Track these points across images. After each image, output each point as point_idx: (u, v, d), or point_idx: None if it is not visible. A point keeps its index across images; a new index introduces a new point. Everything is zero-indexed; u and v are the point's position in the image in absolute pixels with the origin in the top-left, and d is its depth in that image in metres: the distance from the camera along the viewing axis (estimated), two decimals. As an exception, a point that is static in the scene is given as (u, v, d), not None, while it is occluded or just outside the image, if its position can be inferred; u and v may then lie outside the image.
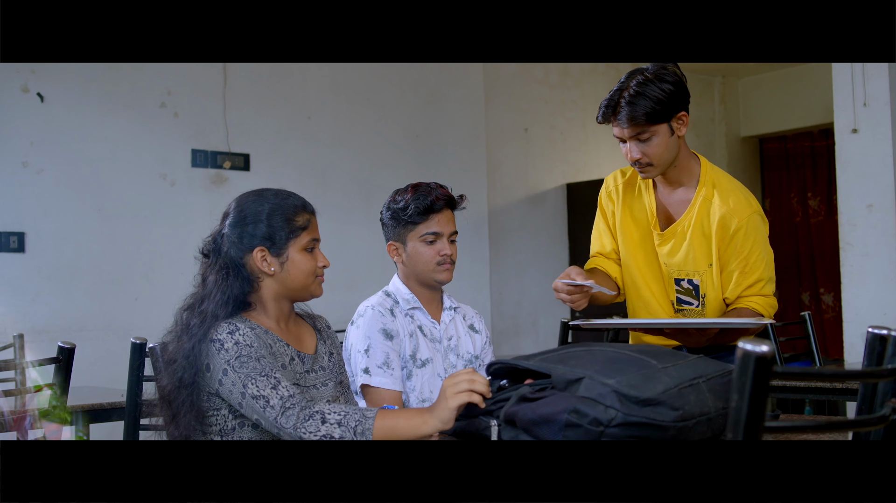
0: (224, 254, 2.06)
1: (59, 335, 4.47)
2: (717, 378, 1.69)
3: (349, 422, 1.87)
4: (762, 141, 8.52)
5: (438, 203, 2.56)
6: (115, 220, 4.87)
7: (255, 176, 5.33)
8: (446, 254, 2.57)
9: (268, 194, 2.11)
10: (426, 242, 2.56)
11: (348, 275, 5.70)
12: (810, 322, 4.13)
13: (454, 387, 1.83)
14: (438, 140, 6.25)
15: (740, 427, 1.15)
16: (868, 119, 4.80)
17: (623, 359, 1.73)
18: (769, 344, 1.15)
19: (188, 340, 1.98)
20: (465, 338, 2.69)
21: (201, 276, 2.08)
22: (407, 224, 2.57)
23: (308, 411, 1.87)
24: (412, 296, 2.63)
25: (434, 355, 2.59)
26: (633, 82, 2.37)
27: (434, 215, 2.56)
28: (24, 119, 4.62)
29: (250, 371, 1.91)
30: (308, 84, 5.65)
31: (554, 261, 6.92)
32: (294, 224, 2.07)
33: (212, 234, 2.12)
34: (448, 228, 2.59)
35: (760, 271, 2.48)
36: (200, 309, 2.02)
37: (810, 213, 8.10)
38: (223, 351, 1.94)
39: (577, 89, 7.28)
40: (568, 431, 1.58)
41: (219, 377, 1.93)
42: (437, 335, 2.64)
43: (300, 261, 2.07)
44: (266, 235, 2.05)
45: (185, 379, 1.95)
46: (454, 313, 2.71)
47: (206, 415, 2.00)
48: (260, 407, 1.88)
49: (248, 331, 1.97)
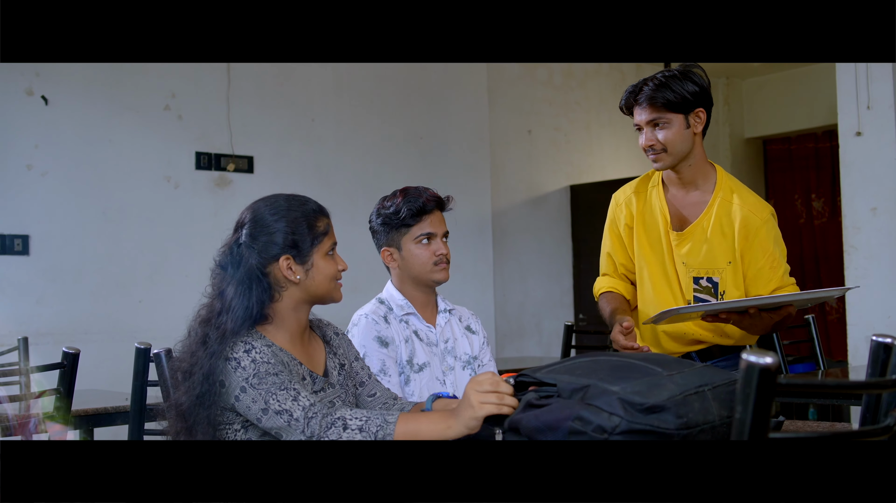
0: (244, 264, 2.00)
1: (64, 338, 4.48)
2: (723, 387, 1.68)
3: (370, 427, 1.83)
4: (766, 142, 8.52)
5: (430, 204, 2.61)
6: (120, 222, 4.87)
7: (259, 178, 5.33)
8: (442, 254, 2.61)
9: (282, 201, 2.05)
10: (421, 244, 2.60)
11: (352, 278, 5.67)
12: (814, 325, 4.13)
13: (482, 397, 1.78)
14: (442, 142, 6.25)
15: (744, 438, 1.16)
16: (872, 122, 4.79)
17: (628, 366, 1.73)
18: (773, 355, 1.16)
19: (205, 356, 1.93)
20: (462, 339, 2.71)
21: (216, 289, 2.02)
22: (400, 227, 2.60)
23: (330, 418, 1.84)
24: (406, 302, 2.65)
25: (431, 359, 2.61)
26: (660, 74, 2.52)
27: (426, 216, 2.60)
28: (28, 122, 4.63)
29: (270, 387, 1.88)
30: (311, 86, 5.65)
31: (557, 262, 6.92)
32: (317, 230, 2.03)
33: (226, 244, 2.05)
34: (441, 228, 2.63)
35: (784, 263, 2.62)
36: (218, 322, 1.96)
37: (814, 215, 8.09)
38: (240, 369, 1.90)
39: (581, 91, 7.27)
40: (572, 438, 1.58)
41: (235, 394, 1.90)
42: (434, 338, 2.65)
43: (324, 267, 2.04)
44: (291, 243, 2.00)
45: (203, 396, 1.90)
46: (449, 315, 2.73)
47: (219, 428, 1.98)
48: (284, 421, 1.85)
49: (264, 348, 1.94)
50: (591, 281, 7.62)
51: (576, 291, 6.99)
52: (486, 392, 1.79)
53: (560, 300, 6.91)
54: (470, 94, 6.44)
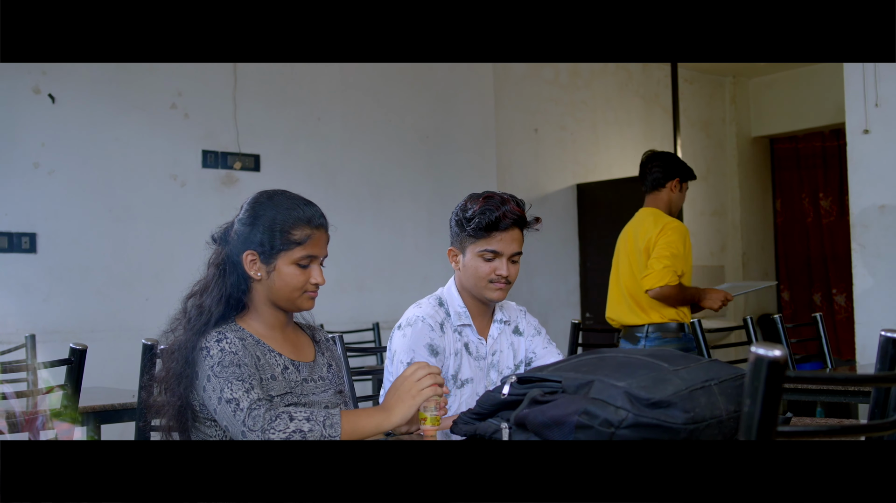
0: (227, 244, 2.08)
1: (70, 336, 4.48)
2: (729, 381, 1.68)
3: (317, 417, 1.87)
4: (773, 141, 8.49)
5: (505, 221, 2.43)
6: (126, 220, 4.88)
7: (266, 176, 5.33)
8: (501, 275, 2.45)
9: (279, 199, 2.08)
10: (484, 259, 2.45)
11: (358, 277, 5.70)
12: (822, 323, 4.11)
13: (418, 384, 1.93)
14: (448, 141, 6.25)
15: (753, 431, 1.15)
16: (880, 120, 4.77)
17: (633, 362, 1.73)
18: (782, 348, 1.15)
19: (186, 333, 2.00)
20: (508, 351, 2.59)
21: (209, 263, 2.10)
22: (469, 235, 2.47)
23: (274, 412, 1.87)
24: (464, 310, 2.53)
25: (475, 374, 2.51)
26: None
27: (497, 233, 2.44)
28: (35, 120, 4.63)
29: (229, 376, 1.91)
30: (318, 85, 5.65)
31: (564, 261, 6.91)
32: (289, 237, 2.03)
33: (228, 222, 2.13)
34: (510, 248, 2.46)
35: None
36: (200, 301, 2.04)
37: (822, 214, 8.06)
38: (209, 357, 1.94)
39: (588, 90, 7.26)
40: (579, 433, 1.57)
41: (203, 384, 1.94)
42: (483, 352, 2.54)
43: (287, 275, 2.04)
44: (260, 241, 2.03)
45: (176, 371, 1.97)
46: (504, 327, 2.61)
47: (202, 422, 2.00)
48: (231, 410, 1.88)
49: (235, 339, 1.98)
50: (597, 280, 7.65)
51: (582, 290, 6.98)
52: (422, 379, 1.94)
53: (567, 299, 6.90)
54: (476, 93, 6.43)
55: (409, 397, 1.93)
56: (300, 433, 1.84)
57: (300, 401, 2.03)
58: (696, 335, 3.74)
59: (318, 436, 1.84)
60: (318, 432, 1.85)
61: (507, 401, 1.80)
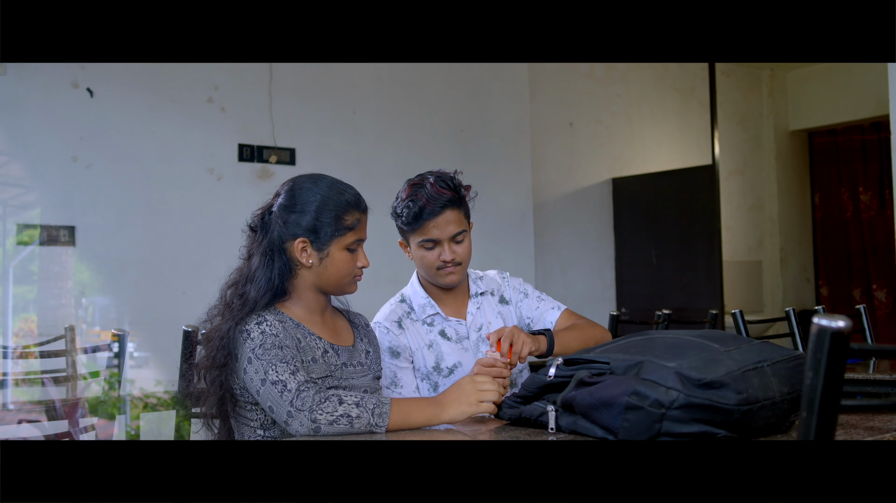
0: (269, 232, 2.03)
1: (108, 328, 4.51)
2: (783, 362, 1.64)
3: (367, 403, 1.83)
4: (811, 135, 8.38)
5: (430, 208, 2.32)
6: (163, 213, 4.90)
7: (301, 170, 5.33)
8: (446, 260, 2.35)
9: (323, 183, 2.06)
10: (426, 248, 2.36)
11: (393, 271, 5.69)
12: (865, 316, 4.04)
13: (481, 395, 1.88)
14: (483, 134, 6.22)
15: (815, 405, 1.11)
16: (924, 109, 4.67)
17: (684, 343, 1.69)
18: (846, 319, 1.11)
19: (226, 321, 1.97)
20: (496, 321, 2.49)
21: (247, 251, 2.07)
22: (404, 228, 2.40)
23: (324, 394, 1.83)
24: (429, 301, 2.45)
25: (462, 356, 2.42)
26: None
27: (429, 221, 2.32)
28: (73, 114, 4.67)
29: (272, 358, 1.88)
30: (353, 79, 5.65)
31: (599, 256, 6.86)
32: (342, 223, 2.02)
33: (261, 208, 2.09)
34: (447, 231, 2.33)
35: None
36: (243, 290, 2.00)
37: (861, 208, 7.94)
38: (249, 340, 1.91)
39: (623, 83, 7.20)
40: (628, 414, 1.54)
41: (244, 366, 1.91)
42: (464, 331, 2.45)
43: (339, 260, 2.03)
44: (311, 227, 2.01)
45: (217, 359, 1.94)
46: (483, 299, 2.52)
47: (243, 406, 1.98)
48: (277, 391, 1.84)
49: (276, 322, 1.95)
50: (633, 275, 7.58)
51: (618, 285, 6.92)
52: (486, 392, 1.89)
53: (602, 294, 6.85)
54: (511, 87, 6.40)
55: (466, 402, 1.88)
56: (347, 418, 1.80)
57: (340, 384, 2.00)
58: (738, 327, 3.69)
59: (366, 423, 1.80)
60: (365, 419, 1.80)
61: (553, 383, 1.77)
